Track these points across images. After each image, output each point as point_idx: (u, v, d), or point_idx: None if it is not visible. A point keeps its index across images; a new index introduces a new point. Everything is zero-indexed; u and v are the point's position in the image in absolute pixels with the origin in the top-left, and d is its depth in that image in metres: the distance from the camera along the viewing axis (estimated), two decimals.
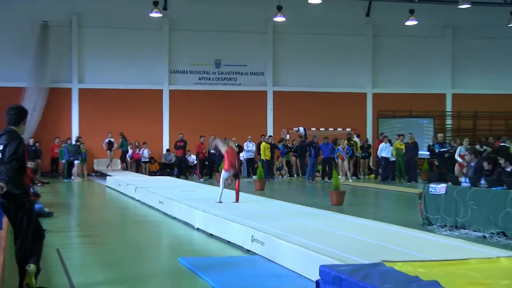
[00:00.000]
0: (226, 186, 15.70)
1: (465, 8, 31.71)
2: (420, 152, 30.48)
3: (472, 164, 15.45)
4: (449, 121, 37.03)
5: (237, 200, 15.63)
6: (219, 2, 32.82)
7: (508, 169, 14.15)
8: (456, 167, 24.23)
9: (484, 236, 12.46)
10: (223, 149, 16.15)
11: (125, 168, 31.98)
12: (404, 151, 28.97)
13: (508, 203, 12.26)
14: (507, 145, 27.96)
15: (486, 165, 14.56)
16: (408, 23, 33.82)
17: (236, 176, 15.69)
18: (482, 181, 13.44)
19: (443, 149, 29.39)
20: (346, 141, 30.28)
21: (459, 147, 25.25)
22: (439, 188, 14.14)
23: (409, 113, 35.92)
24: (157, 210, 17.24)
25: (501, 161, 14.52)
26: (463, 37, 36.75)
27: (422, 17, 33.84)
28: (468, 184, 13.70)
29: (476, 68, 36.87)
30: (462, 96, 36.75)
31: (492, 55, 36.85)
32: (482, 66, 36.86)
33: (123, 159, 32.28)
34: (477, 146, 25.76)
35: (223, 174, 15.64)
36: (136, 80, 33.75)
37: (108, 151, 31.75)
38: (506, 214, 12.26)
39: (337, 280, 6.67)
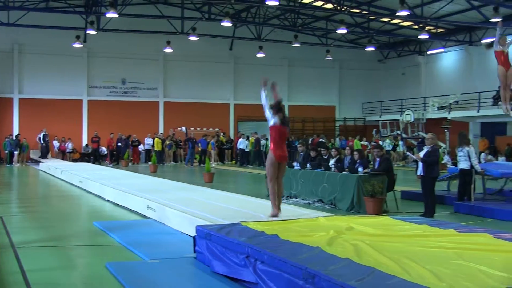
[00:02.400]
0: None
1: (297, 46, 32.59)
2: None
3: (302, 153, 15.86)
4: None
5: (279, 210, 8.75)
6: (125, 37, 32.06)
7: (325, 157, 14.63)
8: None
9: (309, 203, 12.84)
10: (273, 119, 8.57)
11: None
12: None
13: (325, 180, 12.69)
14: (324, 140, 28.93)
15: (312, 154, 15.00)
16: (258, 55, 34.35)
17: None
18: (308, 165, 13.83)
19: None
20: (216, 137, 30.45)
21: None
22: None
23: (259, 118, 36.02)
24: (78, 187, 16.72)
25: (323, 151, 15.01)
26: (295, 66, 37.56)
27: (268, 51, 34.43)
28: (299, 167, 14.07)
29: (305, 87, 37.71)
30: (295, 106, 37.52)
31: (315, 79, 37.89)
32: (308, 86, 37.79)
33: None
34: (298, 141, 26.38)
35: (269, 167, 8.71)
36: (63, 92, 32.49)
37: (40, 144, 30.48)
38: (323, 187, 12.69)
39: (208, 236, 6.67)
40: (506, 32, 29.25)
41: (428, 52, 35.55)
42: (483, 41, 12.35)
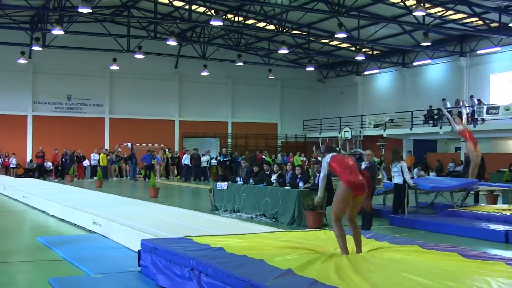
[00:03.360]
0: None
1: (240, 65, 32.83)
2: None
3: (245, 168, 15.90)
4: (230, 140, 37.73)
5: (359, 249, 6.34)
6: (71, 53, 31.43)
7: (268, 172, 14.73)
8: None
9: (252, 217, 12.87)
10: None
11: None
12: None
13: (267, 195, 12.75)
14: (264, 157, 29.13)
15: (255, 169, 15.06)
16: (203, 73, 34.31)
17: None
18: (251, 180, 13.89)
19: (225, 159, 30.08)
20: (161, 153, 30.17)
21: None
22: (223, 185, 14.44)
23: (204, 134, 36.28)
24: (22, 202, 16.17)
25: (265, 166, 15.10)
26: (239, 84, 37.73)
27: (212, 70, 34.48)
28: (241, 182, 14.11)
29: (248, 105, 37.92)
30: (238, 123, 37.70)
31: (258, 96, 38.14)
32: (251, 104, 38.03)
33: None
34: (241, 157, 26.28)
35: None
36: (7, 108, 31.48)
37: None
38: (265, 202, 12.75)
39: (153, 250, 6.60)
40: (435, 61, 30.46)
41: (365, 73, 36.51)
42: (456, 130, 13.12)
